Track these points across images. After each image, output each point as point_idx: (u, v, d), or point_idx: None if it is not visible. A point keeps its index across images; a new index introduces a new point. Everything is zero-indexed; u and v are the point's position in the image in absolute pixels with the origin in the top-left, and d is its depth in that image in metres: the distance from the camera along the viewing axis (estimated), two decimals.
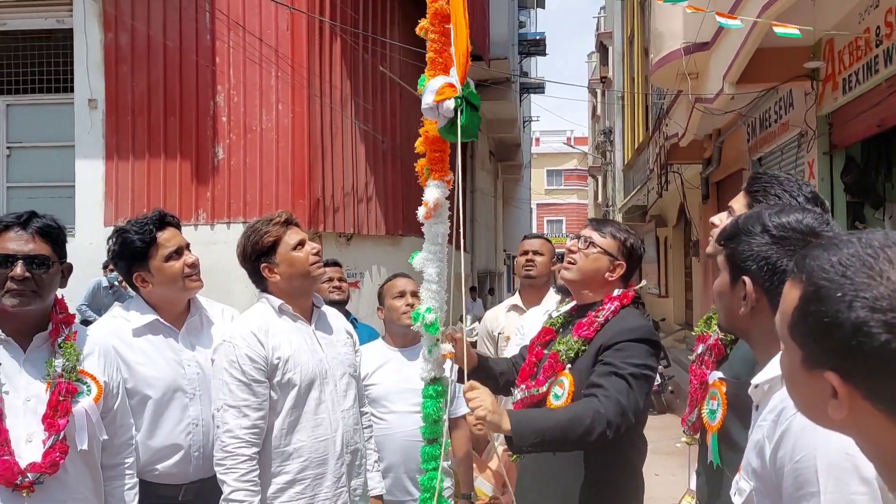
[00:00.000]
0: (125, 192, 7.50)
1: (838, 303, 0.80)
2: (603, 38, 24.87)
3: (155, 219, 2.42)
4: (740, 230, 1.32)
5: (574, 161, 44.64)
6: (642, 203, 17.21)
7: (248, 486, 2.17)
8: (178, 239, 2.43)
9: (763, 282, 1.26)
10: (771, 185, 1.78)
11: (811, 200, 1.75)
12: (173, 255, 2.39)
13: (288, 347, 2.32)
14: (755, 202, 1.76)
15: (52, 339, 2.06)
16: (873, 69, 5.49)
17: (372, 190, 8.71)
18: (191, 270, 2.42)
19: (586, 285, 2.29)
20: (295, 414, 2.31)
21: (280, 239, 2.36)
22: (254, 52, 7.46)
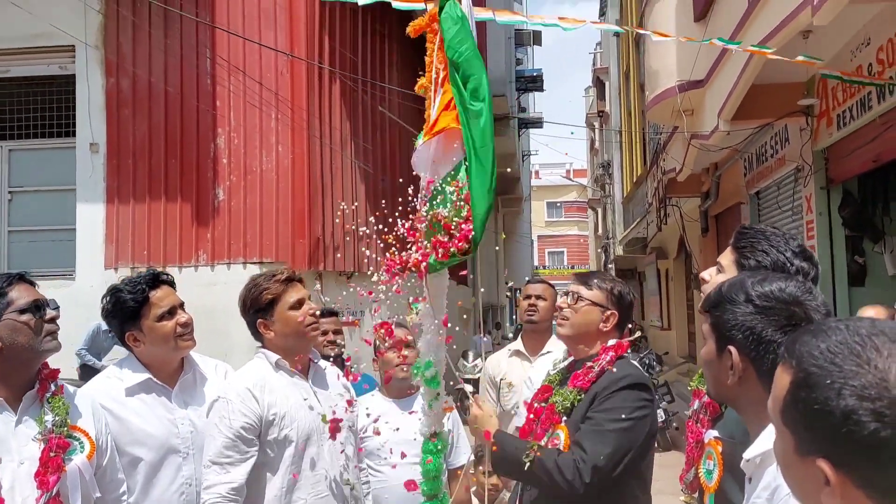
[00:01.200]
0: (125, 234, 7.53)
1: (827, 390, 0.80)
2: (599, 73, 25.16)
3: (148, 278, 2.40)
4: (724, 299, 1.31)
5: (574, 193, 44.82)
6: (642, 235, 17.23)
7: None
8: (172, 298, 2.41)
9: (749, 351, 1.25)
10: (758, 240, 1.78)
11: (799, 255, 1.76)
12: (166, 315, 2.36)
13: (284, 403, 2.30)
14: (743, 258, 1.76)
15: (41, 396, 2.05)
16: (867, 105, 5.54)
17: (372, 228, 8.74)
18: (183, 330, 2.39)
19: (581, 339, 2.30)
20: (293, 471, 2.28)
21: (278, 297, 2.35)
22: (254, 96, 7.55)
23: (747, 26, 5.80)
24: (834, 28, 4.79)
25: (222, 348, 7.49)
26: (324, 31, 7.79)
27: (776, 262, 1.73)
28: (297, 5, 7.53)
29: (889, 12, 4.86)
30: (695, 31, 7.59)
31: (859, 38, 5.50)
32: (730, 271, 1.78)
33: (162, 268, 7.48)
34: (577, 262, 46.38)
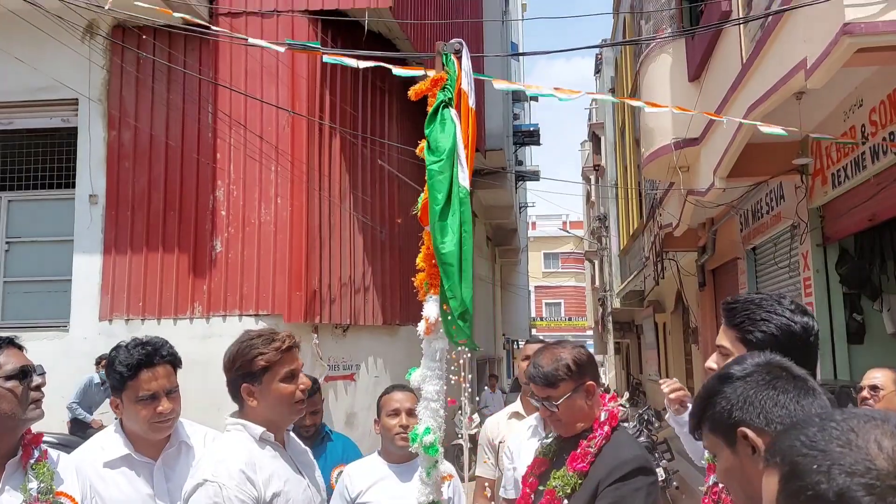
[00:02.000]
0: (122, 285, 7.50)
1: (816, 474, 0.82)
2: (595, 128, 25.52)
3: (145, 354, 2.28)
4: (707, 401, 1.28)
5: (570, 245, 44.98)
6: (640, 288, 17.23)
7: None
8: (160, 383, 2.27)
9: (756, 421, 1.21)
10: (752, 310, 1.73)
11: (797, 312, 1.72)
12: (146, 399, 2.26)
13: (278, 482, 2.17)
14: (746, 334, 1.72)
15: (24, 463, 2.00)
16: (861, 165, 5.60)
17: (369, 280, 8.72)
18: (159, 418, 2.28)
19: (574, 425, 2.24)
20: None
21: (272, 365, 2.18)
22: (254, 149, 7.62)
23: (741, 88, 5.90)
24: (827, 90, 4.88)
25: (215, 402, 7.39)
26: (325, 87, 7.91)
27: (780, 326, 1.70)
28: (299, 62, 7.66)
29: (880, 76, 4.96)
30: (689, 92, 7.72)
31: (852, 99, 5.59)
32: (737, 350, 1.73)
33: (157, 320, 7.43)
34: (575, 314, 46.24)
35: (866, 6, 3.63)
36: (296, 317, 7.39)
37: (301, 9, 7.73)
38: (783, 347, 1.66)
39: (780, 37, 4.93)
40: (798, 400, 1.21)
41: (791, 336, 1.69)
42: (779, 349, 1.66)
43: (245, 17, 7.67)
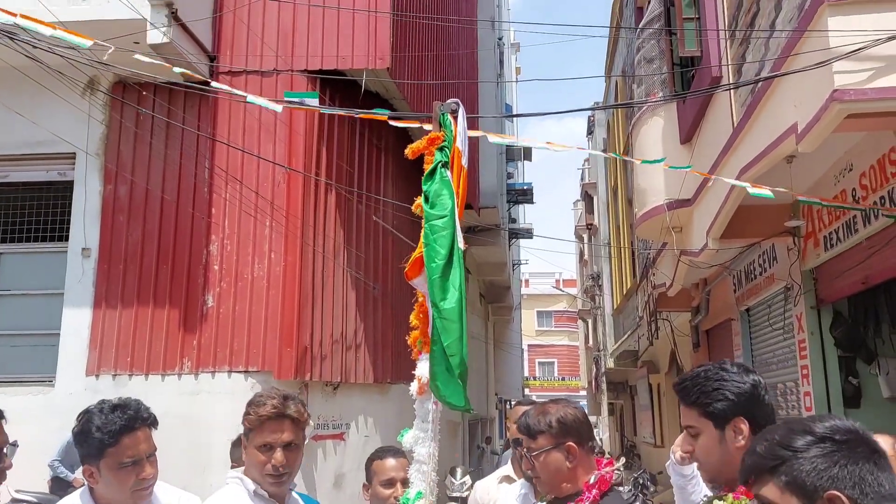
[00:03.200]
0: (110, 340, 7.40)
1: None
2: (588, 188, 25.81)
3: (126, 420, 2.18)
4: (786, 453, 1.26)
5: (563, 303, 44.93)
6: (633, 348, 17.12)
7: None
8: (142, 448, 2.20)
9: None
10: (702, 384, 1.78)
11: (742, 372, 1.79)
12: (128, 465, 2.17)
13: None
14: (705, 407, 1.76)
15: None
16: (853, 229, 5.64)
17: (361, 336, 8.64)
18: (141, 484, 2.20)
19: (557, 485, 2.21)
20: None
21: (252, 429, 2.18)
22: (249, 204, 7.64)
23: (732, 150, 5.98)
24: (817, 154, 4.95)
25: (201, 461, 7.23)
26: (321, 144, 7.99)
27: (733, 390, 1.74)
28: (296, 119, 7.76)
29: (870, 140, 5.04)
30: (681, 154, 7.84)
31: (842, 164, 5.67)
32: (704, 426, 1.76)
33: (144, 375, 7.31)
34: (568, 374, 45.87)
35: (855, 73, 3.71)
36: (286, 373, 7.29)
37: (300, 68, 7.87)
38: (744, 408, 1.72)
39: (770, 102, 5.03)
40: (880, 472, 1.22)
41: (746, 396, 1.73)
42: (740, 411, 1.72)
43: (245, 76, 7.80)
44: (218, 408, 7.10)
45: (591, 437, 2.26)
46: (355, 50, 7.85)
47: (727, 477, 1.74)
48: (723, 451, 1.72)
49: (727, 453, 1.71)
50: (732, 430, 1.71)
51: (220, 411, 7.00)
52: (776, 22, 4.95)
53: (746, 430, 1.70)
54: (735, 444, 1.70)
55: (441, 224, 2.41)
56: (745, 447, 1.68)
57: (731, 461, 1.70)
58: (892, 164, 4.92)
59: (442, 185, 2.49)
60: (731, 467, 1.70)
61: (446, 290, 2.32)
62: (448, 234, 2.39)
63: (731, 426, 1.71)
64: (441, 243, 2.38)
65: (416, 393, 2.34)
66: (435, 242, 2.38)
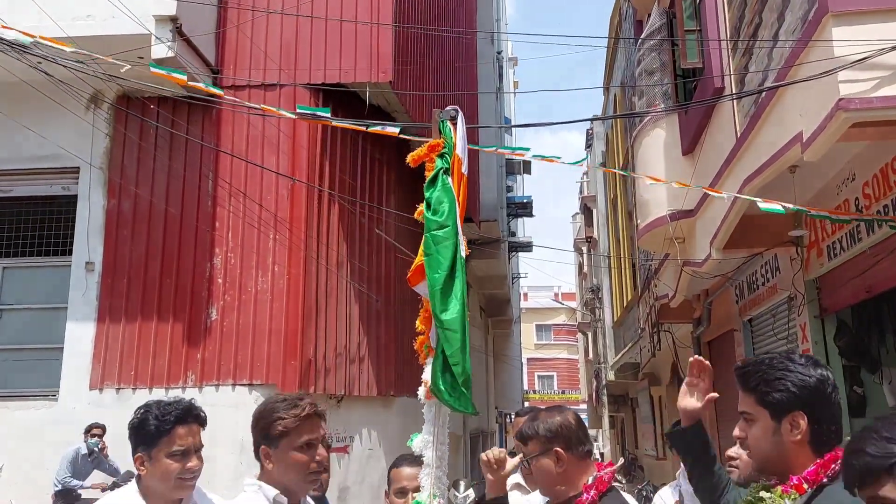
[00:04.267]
0: (114, 354, 7.39)
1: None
2: (587, 200, 25.88)
3: (182, 409, 2.35)
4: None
5: (563, 316, 44.89)
6: (634, 360, 17.09)
7: None
8: (192, 440, 2.34)
9: None
10: (765, 371, 1.75)
11: (810, 365, 1.75)
12: (177, 455, 2.31)
13: None
14: (763, 395, 1.73)
15: None
16: (856, 238, 5.66)
17: (364, 350, 8.64)
18: (187, 474, 2.32)
19: (552, 489, 2.26)
20: None
21: (289, 432, 2.19)
22: (253, 217, 7.66)
23: (736, 161, 6.02)
24: (821, 163, 4.98)
25: (206, 474, 7.20)
26: (325, 157, 8.02)
27: (796, 382, 1.70)
28: (300, 132, 7.79)
29: (872, 150, 5.07)
30: (683, 165, 7.87)
31: (844, 173, 5.70)
32: (760, 414, 1.73)
33: (148, 389, 7.29)
34: (568, 387, 45.75)
35: (860, 82, 3.75)
36: (290, 386, 7.28)
37: (303, 82, 7.92)
38: (805, 403, 1.69)
39: (774, 112, 5.06)
40: None
41: (810, 391, 1.69)
42: (800, 405, 1.68)
43: (248, 90, 7.84)
44: (222, 421, 7.06)
45: (582, 442, 2.27)
46: (358, 63, 7.90)
47: (775, 468, 1.73)
48: (775, 443, 1.70)
49: (780, 445, 1.69)
50: (789, 424, 1.69)
51: (225, 424, 6.97)
52: (779, 33, 5.00)
53: (804, 426, 1.67)
54: (791, 437, 1.68)
55: (443, 234, 2.43)
56: (800, 442, 1.67)
57: (782, 454, 1.69)
58: (894, 173, 4.95)
59: (444, 193, 2.51)
60: (780, 459, 1.70)
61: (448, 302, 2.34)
62: (450, 243, 2.42)
63: (789, 419, 1.68)
64: (444, 254, 2.40)
65: (424, 397, 2.37)
66: (438, 253, 2.40)
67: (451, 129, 2.60)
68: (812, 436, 1.68)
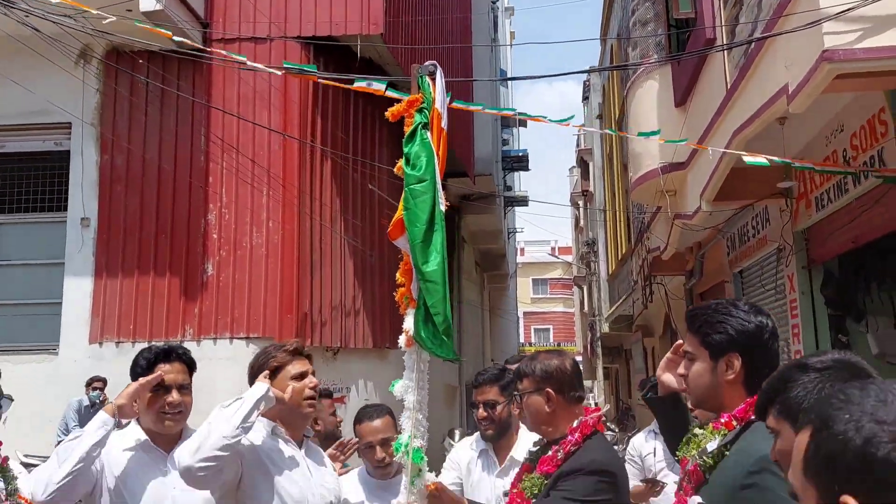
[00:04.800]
0: (112, 309, 7.50)
1: (846, 423, 0.83)
2: (583, 153, 25.78)
3: (164, 350, 2.54)
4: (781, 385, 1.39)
5: (559, 270, 45.14)
6: (628, 313, 17.29)
7: None
8: (173, 376, 2.49)
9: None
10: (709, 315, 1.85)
11: (752, 312, 1.84)
12: (160, 390, 2.46)
13: (282, 463, 2.31)
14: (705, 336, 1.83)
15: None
16: (843, 189, 5.72)
17: (360, 303, 8.75)
18: (168, 409, 2.47)
19: (539, 427, 2.37)
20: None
21: (283, 366, 2.39)
22: (246, 173, 7.68)
23: (726, 113, 6.03)
24: (808, 115, 5.01)
25: None
26: (317, 112, 8.01)
27: (735, 326, 1.80)
28: (291, 87, 7.76)
29: (860, 101, 5.10)
30: (675, 117, 7.87)
31: (833, 124, 5.73)
32: (700, 354, 1.83)
33: (147, 342, 7.42)
34: (564, 340, 46.25)
35: (845, 34, 3.76)
36: (286, 339, 7.40)
37: (294, 35, 7.85)
38: (742, 347, 1.79)
39: (762, 63, 5.07)
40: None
41: (747, 335, 1.79)
42: (738, 349, 1.79)
43: (238, 43, 7.78)
44: (220, 373, 7.21)
45: (574, 387, 2.36)
46: (349, 16, 7.83)
47: (711, 405, 1.84)
48: (711, 382, 1.80)
49: (715, 384, 1.80)
50: (725, 364, 1.79)
51: (223, 377, 7.12)
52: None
53: (738, 367, 1.77)
54: (725, 377, 1.78)
55: (421, 188, 2.48)
56: (732, 382, 1.78)
57: (717, 392, 1.80)
58: (881, 125, 4.98)
59: (422, 147, 2.55)
60: (714, 397, 1.81)
61: (428, 254, 2.41)
62: (428, 197, 2.47)
63: (725, 360, 1.79)
64: (422, 207, 2.45)
65: (405, 345, 2.46)
66: (416, 207, 2.46)
67: (430, 84, 2.62)
68: (745, 377, 1.78)
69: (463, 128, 12.97)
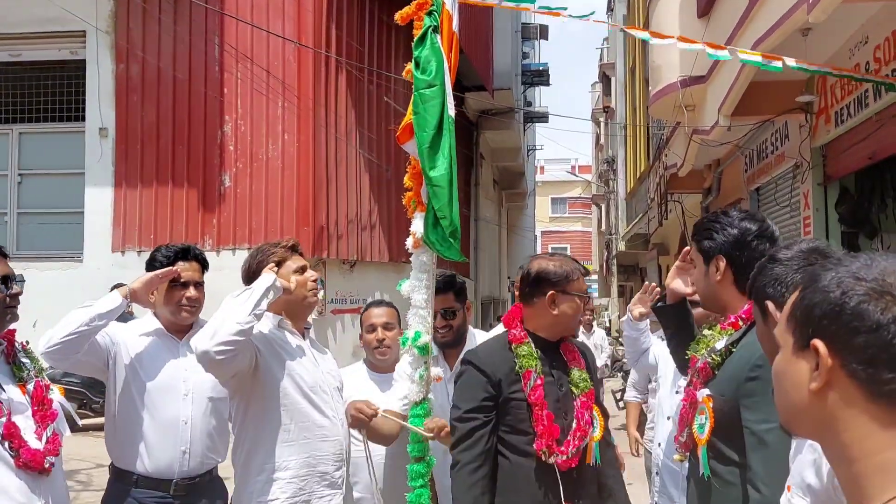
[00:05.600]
0: (133, 219, 7.66)
1: (830, 280, 0.90)
2: (606, 68, 25.16)
3: (181, 249, 2.70)
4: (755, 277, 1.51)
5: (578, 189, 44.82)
6: (644, 231, 17.30)
7: None
8: (191, 273, 2.65)
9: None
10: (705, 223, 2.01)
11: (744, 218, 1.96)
12: (178, 285, 2.61)
13: (290, 350, 2.43)
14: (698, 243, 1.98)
15: (9, 355, 2.21)
16: (863, 103, 5.61)
17: (375, 217, 8.85)
18: (186, 303, 2.63)
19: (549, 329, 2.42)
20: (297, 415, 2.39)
21: (283, 261, 2.49)
22: (261, 84, 7.66)
23: (747, 23, 5.88)
24: (832, 26, 4.88)
25: None
26: (331, 21, 7.89)
27: (721, 231, 1.93)
28: None
29: (886, 11, 4.94)
30: (698, 28, 7.66)
31: (858, 36, 5.56)
32: (697, 260, 1.98)
33: None
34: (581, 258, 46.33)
35: None
36: (304, 251, 7.56)
37: None
38: (727, 250, 1.91)
39: None
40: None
41: (732, 239, 1.91)
42: (722, 252, 1.91)
43: None
44: (238, 283, 7.43)
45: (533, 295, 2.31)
46: None
47: (713, 306, 1.99)
48: (706, 283, 1.94)
49: (709, 285, 1.93)
50: (714, 266, 1.91)
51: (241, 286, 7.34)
52: None
53: (722, 268, 1.90)
54: (714, 278, 1.91)
55: (430, 93, 2.48)
56: (722, 283, 1.90)
57: (714, 292, 1.94)
58: None
59: (432, 52, 2.54)
60: (712, 297, 1.96)
61: (436, 159, 2.43)
62: (438, 102, 2.47)
63: (713, 263, 1.91)
64: (431, 112, 2.46)
65: (413, 247, 2.52)
66: (426, 112, 2.47)
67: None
68: (734, 278, 1.90)
69: (482, 40, 12.70)
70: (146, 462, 2.51)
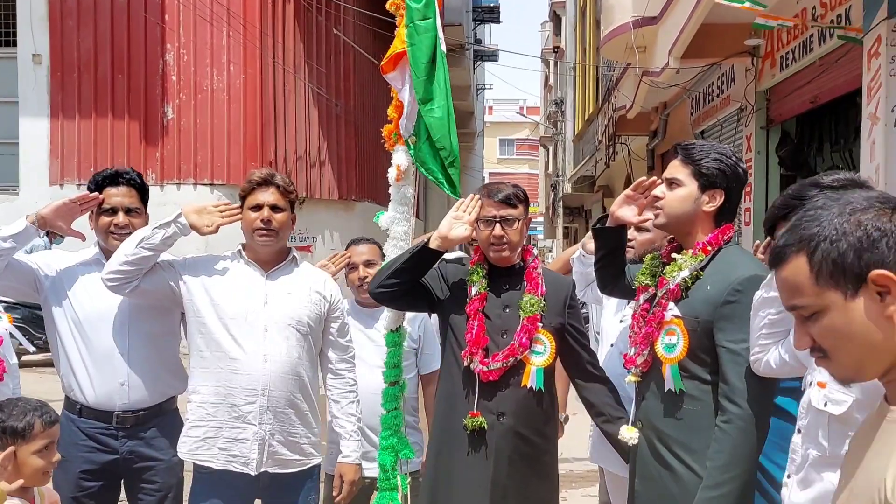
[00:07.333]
0: (71, 150, 7.39)
1: (840, 215, 0.93)
2: (556, 7, 24.92)
3: (110, 174, 2.59)
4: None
5: (526, 131, 44.85)
6: (590, 174, 17.51)
7: None
8: (121, 200, 2.54)
9: None
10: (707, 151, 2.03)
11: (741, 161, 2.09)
12: (107, 211, 2.53)
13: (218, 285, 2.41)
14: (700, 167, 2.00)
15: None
16: (808, 48, 5.75)
17: (325, 154, 8.74)
18: (115, 230, 2.52)
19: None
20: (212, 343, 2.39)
21: (246, 195, 2.45)
22: (204, 10, 7.38)
23: None
24: None
25: None
26: None
27: (730, 165, 2.01)
28: None
29: None
30: None
31: None
32: (690, 183, 2.01)
33: None
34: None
35: None
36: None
37: None
38: (728, 185, 2.01)
39: None
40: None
41: (736, 177, 2.03)
42: (724, 186, 2.01)
43: None
44: None
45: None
46: None
47: (677, 229, 2.06)
48: (692, 209, 2.00)
49: (694, 211, 2.01)
50: (710, 196, 1.99)
51: None
52: None
53: (719, 202, 1.99)
54: (703, 206, 2.00)
55: (425, 25, 2.46)
56: (708, 213, 2.00)
57: (691, 218, 2.02)
58: None
59: None
60: (688, 222, 2.03)
61: (432, 90, 2.42)
62: (432, 35, 2.46)
63: (711, 192, 1.99)
64: (426, 43, 2.44)
65: (395, 179, 2.50)
66: (421, 43, 2.44)
67: None
68: (719, 211, 2.01)
69: None
70: (86, 393, 2.48)
